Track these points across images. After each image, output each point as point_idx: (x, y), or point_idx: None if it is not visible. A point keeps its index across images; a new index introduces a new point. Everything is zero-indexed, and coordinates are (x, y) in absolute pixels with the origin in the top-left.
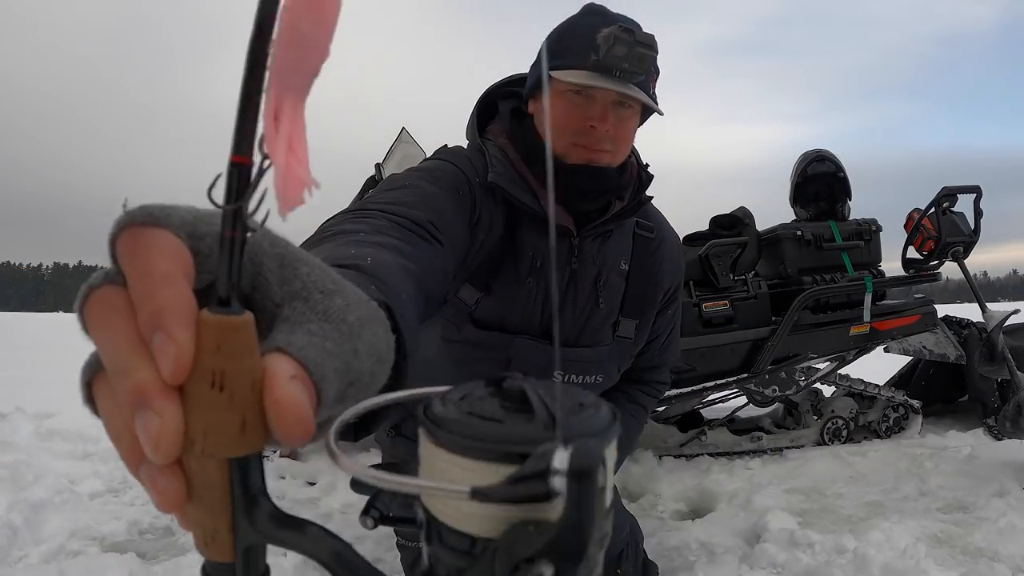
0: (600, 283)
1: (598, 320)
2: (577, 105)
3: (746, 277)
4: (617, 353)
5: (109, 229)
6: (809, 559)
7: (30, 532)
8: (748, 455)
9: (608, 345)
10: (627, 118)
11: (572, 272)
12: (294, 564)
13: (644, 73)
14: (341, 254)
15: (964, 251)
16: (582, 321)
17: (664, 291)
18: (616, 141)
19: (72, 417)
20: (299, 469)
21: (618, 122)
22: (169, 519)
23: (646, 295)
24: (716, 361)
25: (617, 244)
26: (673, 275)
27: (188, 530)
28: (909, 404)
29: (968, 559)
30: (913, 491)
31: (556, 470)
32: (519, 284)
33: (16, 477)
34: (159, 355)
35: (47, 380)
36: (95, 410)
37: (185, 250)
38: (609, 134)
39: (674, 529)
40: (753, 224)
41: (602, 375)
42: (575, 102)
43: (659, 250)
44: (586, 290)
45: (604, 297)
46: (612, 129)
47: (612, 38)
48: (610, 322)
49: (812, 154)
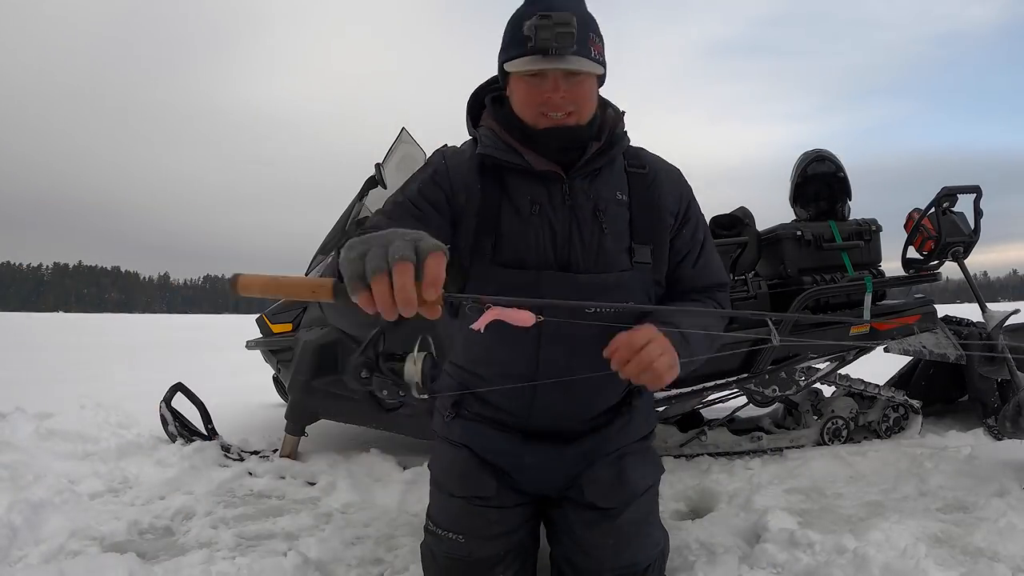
0: (600, 212)
1: (610, 245)
2: (533, 84)
3: (746, 277)
4: (639, 279)
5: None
6: (809, 559)
7: (30, 532)
8: (748, 455)
9: (628, 271)
10: (578, 83)
11: (570, 209)
12: (295, 564)
13: (576, 43)
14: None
15: (964, 251)
16: (594, 248)
17: (672, 214)
18: (576, 102)
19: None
20: (299, 469)
21: (570, 87)
22: (169, 519)
23: (653, 221)
24: (716, 361)
25: (608, 179)
26: (677, 200)
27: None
28: (909, 404)
29: (968, 559)
30: (913, 491)
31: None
32: (524, 223)
33: (16, 477)
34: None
35: (47, 380)
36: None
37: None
38: (566, 100)
39: (674, 529)
40: (753, 224)
41: (632, 302)
42: (531, 82)
43: (655, 182)
44: (587, 221)
45: (607, 223)
46: (567, 95)
47: (535, 26)
48: (623, 247)
49: (812, 154)
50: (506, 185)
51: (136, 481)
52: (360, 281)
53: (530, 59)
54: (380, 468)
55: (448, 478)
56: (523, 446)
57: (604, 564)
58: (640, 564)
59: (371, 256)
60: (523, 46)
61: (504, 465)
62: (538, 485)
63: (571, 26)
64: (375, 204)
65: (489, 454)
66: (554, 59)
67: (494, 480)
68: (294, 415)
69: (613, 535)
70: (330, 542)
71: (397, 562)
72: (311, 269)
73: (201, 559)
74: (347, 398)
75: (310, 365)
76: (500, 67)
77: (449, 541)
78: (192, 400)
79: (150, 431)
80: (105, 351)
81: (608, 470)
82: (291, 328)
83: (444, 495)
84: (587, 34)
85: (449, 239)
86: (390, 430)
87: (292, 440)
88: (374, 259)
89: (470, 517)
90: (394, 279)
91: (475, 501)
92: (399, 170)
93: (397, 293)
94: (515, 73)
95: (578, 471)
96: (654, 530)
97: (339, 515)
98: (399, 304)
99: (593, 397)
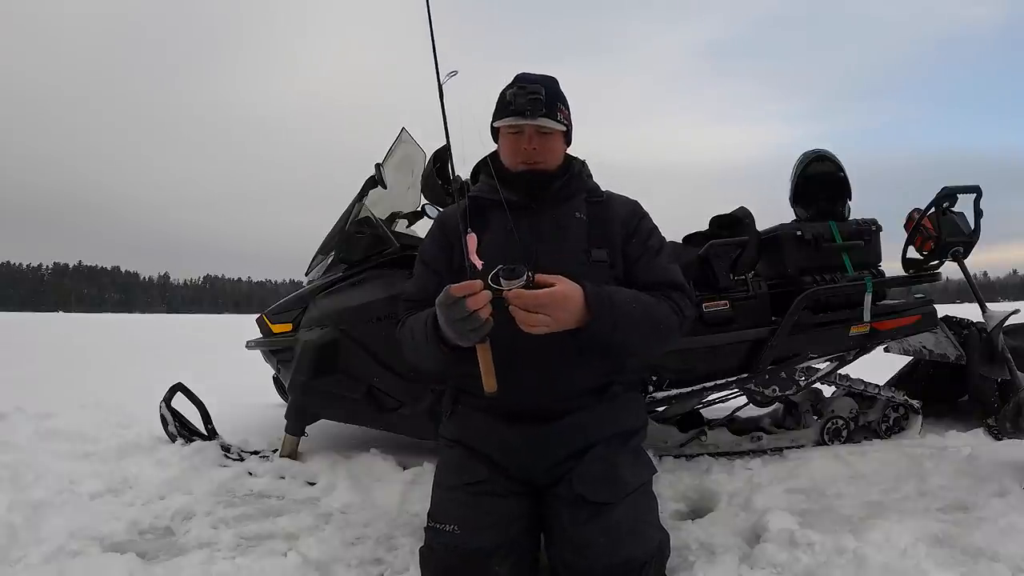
0: (560, 228)
1: (568, 248)
2: (513, 139)
3: (746, 277)
4: (597, 272)
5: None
6: (809, 559)
7: (30, 532)
8: (748, 455)
9: (584, 266)
10: (548, 139)
11: (536, 228)
12: (295, 564)
13: (545, 108)
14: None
15: (964, 251)
16: (556, 250)
17: (623, 225)
18: (544, 154)
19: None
20: (299, 469)
21: (541, 142)
22: (169, 519)
23: (606, 230)
24: (716, 361)
25: (569, 207)
26: (630, 216)
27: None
28: (909, 404)
29: (968, 559)
30: (913, 491)
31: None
32: (501, 240)
33: (16, 477)
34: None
35: (47, 380)
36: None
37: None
38: (538, 152)
39: (674, 529)
40: (753, 224)
41: None
42: (512, 138)
43: (609, 205)
44: (549, 234)
45: (564, 232)
46: (539, 147)
47: (512, 94)
48: (581, 250)
49: (812, 154)
50: (488, 217)
51: (136, 481)
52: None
53: (511, 119)
54: (380, 468)
55: (444, 473)
56: (508, 429)
57: (598, 562)
58: (636, 561)
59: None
60: (506, 109)
61: (492, 451)
62: (526, 470)
63: (540, 95)
64: (375, 204)
65: (478, 443)
66: (527, 119)
67: (484, 466)
68: (294, 415)
69: (606, 532)
70: (330, 542)
71: (397, 562)
72: (311, 268)
73: (201, 559)
74: (347, 398)
75: (310, 365)
76: (492, 127)
77: (445, 533)
78: (192, 400)
79: (150, 431)
80: (105, 351)
81: (599, 464)
82: (291, 328)
83: (441, 490)
84: (555, 103)
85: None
86: (390, 430)
87: (292, 440)
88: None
89: (464, 507)
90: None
91: (468, 489)
92: (399, 170)
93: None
94: (501, 130)
95: (563, 456)
96: (650, 529)
97: (339, 515)
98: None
99: (566, 374)
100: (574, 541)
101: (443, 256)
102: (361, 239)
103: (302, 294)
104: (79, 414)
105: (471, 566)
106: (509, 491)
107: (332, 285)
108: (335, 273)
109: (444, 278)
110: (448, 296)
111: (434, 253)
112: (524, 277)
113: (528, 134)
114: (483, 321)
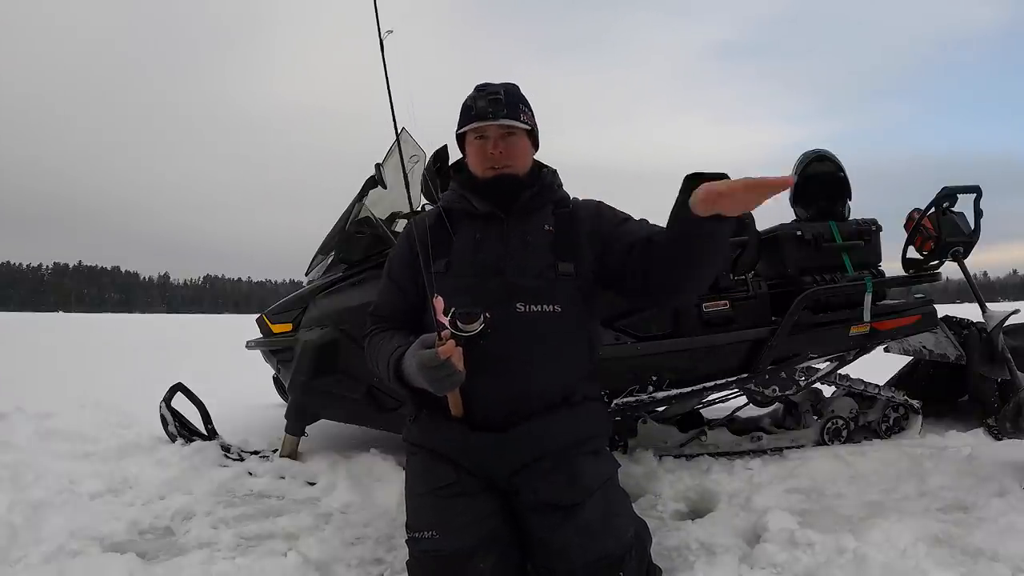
0: (528, 241)
1: (534, 261)
2: (479, 144)
3: (746, 277)
4: (562, 286)
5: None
6: (809, 559)
7: (30, 532)
8: (748, 455)
9: (551, 279)
10: (513, 142)
11: (505, 240)
12: (295, 564)
13: (506, 108)
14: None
15: (964, 251)
16: (523, 263)
17: (589, 235)
18: (511, 157)
19: (72, 417)
20: (299, 469)
21: (507, 146)
22: (169, 519)
23: (572, 242)
24: (716, 361)
25: (539, 219)
26: (592, 219)
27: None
28: (909, 404)
29: (968, 559)
30: (913, 491)
31: None
32: (471, 251)
33: (16, 477)
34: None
35: (47, 380)
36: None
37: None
38: (504, 155)
39: (674, 529)
40: (753, 224)
41: (558, 304)
42: (477, 143)
43: (574, 214)
44: (518, 247)
45: (532, 246)
46: (505, 150)
47: (474, 99)
48: (547, 263)
49: (812, 154)
50: (457, 226)
51: (136, 481)
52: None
53: (474, 123)
54: (380, 468)
55: (413, 480)
56: (470, 434)
57: (576, 562)
58: (613, 553)
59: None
60: (468, 115)
61: (452, 452)
62: (486, 469)
63: (500, 95)
64: (375, 204)
65: (440, 444)
66: (490, 120)
67: (451, 469)
68: (294, 415)
69: (579, 532)
70: (330, 542)
71: (397, 562)
72: (311, 268)
73: (201, 559)
74: (347, 398)
75: (310, 365)
76: (457, 137)
77: (425, 540)
78: (192, 400)
79: (150, 431)
80: (105, 351)
81: (560, 470)
82: (291, 328)
83: (413, 497)
84: (516, 103)
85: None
86: (390, 430)
87: (292, 440)
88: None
89: (438, 511)
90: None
91: (440, 493)
92: (398, 170)
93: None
94: (467, 137)
95: (522, 463)
96: (621, 520)
97: (339, 515)
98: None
99: (527, 384)
100: (550, 547)
101: (408, 273)
102: (361, 239)
103: (302, 294)
104: (79, 414)
105: (455, 567)
106: (479, 489)
107: (332, 285)
108: (335, 273)
109: (409, 295)
110: (433, 359)
111: (400, 270)
112: (481, 319)
113: (493, 138)
114: (458, 372)
